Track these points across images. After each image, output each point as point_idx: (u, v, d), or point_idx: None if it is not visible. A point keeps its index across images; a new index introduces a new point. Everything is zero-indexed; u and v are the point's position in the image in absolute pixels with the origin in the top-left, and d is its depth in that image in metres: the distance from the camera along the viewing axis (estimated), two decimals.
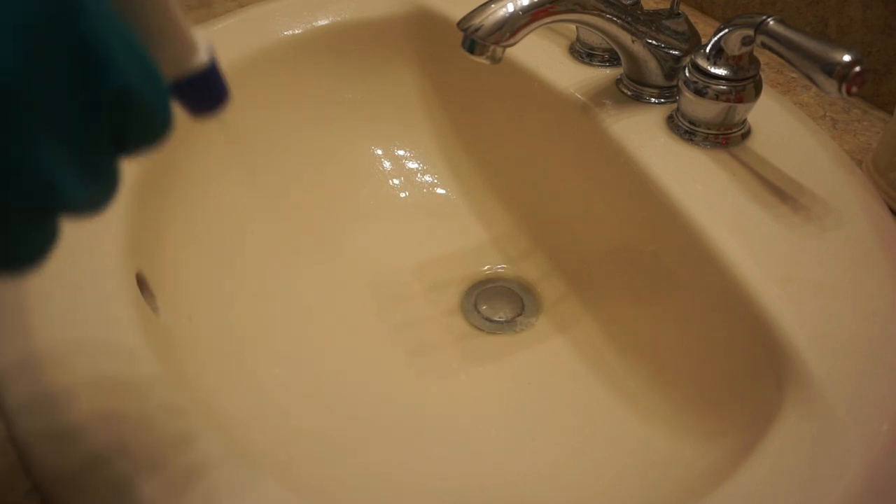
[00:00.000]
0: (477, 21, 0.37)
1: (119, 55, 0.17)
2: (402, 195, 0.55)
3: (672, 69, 0.44)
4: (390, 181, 0.56)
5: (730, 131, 0.41)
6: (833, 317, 0.32)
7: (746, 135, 0.42)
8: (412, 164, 0.57)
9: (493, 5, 0.37)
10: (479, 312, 0.48)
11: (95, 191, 0.19)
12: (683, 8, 0.44)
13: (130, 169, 0.40)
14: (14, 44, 0.15)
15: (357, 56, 0.55)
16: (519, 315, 0.48)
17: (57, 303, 0.32)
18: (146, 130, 0.19)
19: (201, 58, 0.21)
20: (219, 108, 0.22)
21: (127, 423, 0.28)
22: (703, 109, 0.40)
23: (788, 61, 0.34)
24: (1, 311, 0.32)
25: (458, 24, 0.38)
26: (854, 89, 0.32)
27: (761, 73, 0.40)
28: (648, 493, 0.34)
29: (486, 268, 0.51)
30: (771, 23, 0.35)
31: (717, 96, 0.39)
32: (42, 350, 0.30)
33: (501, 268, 0.51)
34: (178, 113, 0.21)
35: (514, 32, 0.37)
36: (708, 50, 0.39)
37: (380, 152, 0.57)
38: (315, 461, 0.37)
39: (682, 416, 0.37)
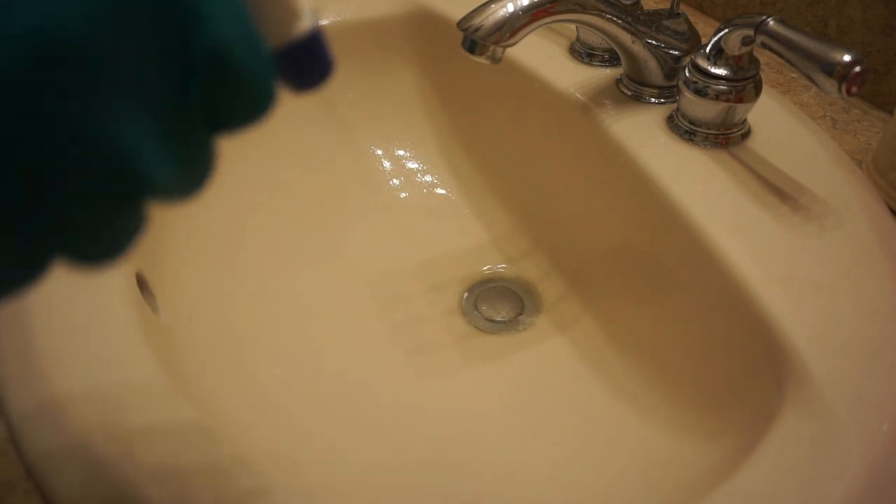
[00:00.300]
0: (477, 21, 0.37)
1: (218, 12, 0.15)
2: (402, 195, 0.55)
3: (672, 69, 0.44)
4: (390, 181, 0.56)
5: (730, 131, 0.41)
6: (833, 317, 0.32)
7: (746, 135, 0.42)
8: (412, 164, 0.57)
9: (493, 5, 0.37)
10: (479, 312, 0.48)
11: (189, 171, 0.17)
12: (683, 8, 0.44)
13: None
14: None
15: (357, 56, 0.55)
16: (519, 315, 0.48)
17: (56, 304, 0.32)
18: (248, 101, 0.17)
19: (304, 24, 0.19)
20: (324, 81, 0.20)
21: (128, 426, 0.28)
22: (703, 109, 0.40)
23: (788, 61, 0.34)
24: (1, 314, 0.32)
25: (458, 24, 0.38)
26: (854, 89, 0.32)
27: (761, 73, 0.40)
28: (648, 493, 0.34)
29: (486, 268, 0.51)
30: (771, 23, 0.35)
31: (717, 96, 0.39)
32: (42, 353, 0.30)
33: (501, 268, 0.51)
34: None
35: (514, 32, 0.37)
36: (708, 50, 0.39)
37: (380, 152, 0.57)
38: (314, 460, 0.37)
39: (682, 416, 0.37)
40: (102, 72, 0.14)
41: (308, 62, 0.19)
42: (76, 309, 0.32)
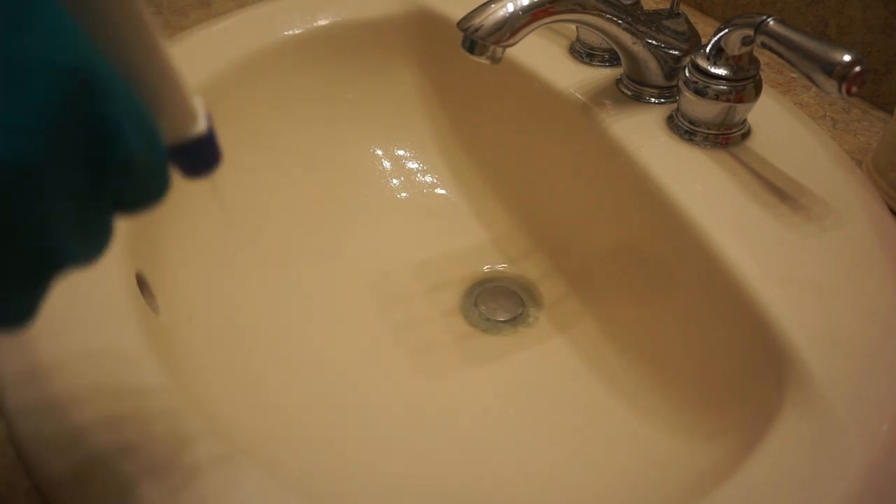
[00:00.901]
0: (477, 21, 0.37)
1: (128, 128, 0.18)
2: (402, 195, 0.55)
3: (672, 69, 0.44)
4: (390, 181, 0.56)
5: (730, 131, 0.41)
6: (833, 317, 0.32)
7: (746, 135, 0.42)
8: (412, 164, 0.57)
9: (493, 5, 0.37)
10: (479, 312, 0.48)
11: (91, 248, 0.19)
12: (683, 8, 0.44)
13: None
14: (33, 125, 0.16)
15: (357, 56, 0.55)
16: (519, 315, 0.48)
17: (57, 304, 0.32)
18: (146, 193, 0.20)
19: (200, 126, 0.22)
20: (211, 172, 0.23)
21: (128, 425, 0.28)
22: (703, 109, 0.40)
23: (788, 61, 0.34)
24: None
25: (458, 24, 0.38)
26: (854, 89, 0.32)
27: (761, 73, 0.40)
28: (648, 493, 0.34)
29: (486, 268, 0.51)
30: (771, 23, 0.35)
31: (717, 96, 0.39)
32: (42, 352, 0.30)
33: (501, 268, 0.51)
34: None
35: (514, 32, 0.37)
36: (708, 50, 0.39)
37: (380, 152, 0.57)
38: (314, 460, 0.37)
39: (682, 416, 0.37)
40: (44, 187, 0.16)
41: (199, 157, 0.23)
42: (76, 310, 0.32)
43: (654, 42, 0.42)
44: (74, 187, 0.17)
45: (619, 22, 0.41)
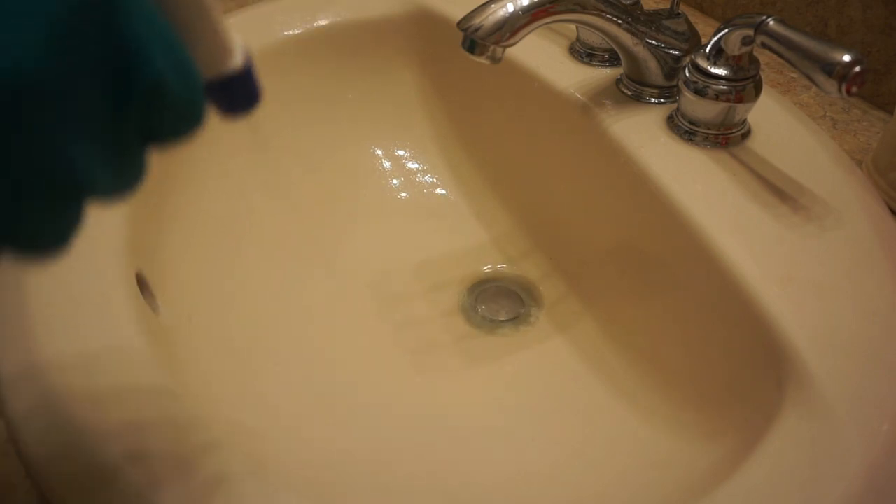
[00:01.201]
0: (477, 21, 0.37)
1: (155, 50, 0.17)
2: (402, 195, 0.55)
3: (672, 69, 0.44)
4: (390, 181, 0.56)
5: (730, 131, 0.41)
6: (833, 317, 0.32)
7: (746, 135, 0.42)
8: (412, 164, 0.57)
9: (493, 5, 0.37)
10: (479, 312, 0.48)
11: (122, 179, 0.19)
12: (683, 8, 0.44)
13: None
14: (42, 37, 0.14)
15: (357, 56, 0.55)
16: (519, 315, 0.48)
17: (57, 304, 0.32)
18: (178, 124, 0.19)
19: (237, 61, 0.21)
20: (250, 110, 0.23)
21: (128, 426, 0.28)
22: (703, 109, 0.40)
23: (788, 61, 0.34)
24: (2, 314, 0.32)
25: (458, 24, 0.38)
26: (854, 89, 0.32)
27: (761, 73, 0.40)
28: (648, 493, 0.34)
29: (486, 268, 0.51)
30: (771, 23, 0.35)
31: (717, 96, 0.39)
32: (42, 353, 0.30)
33: (502, 268, 0.51)
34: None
35: (514, 32, 0.37)
36: (708, 50, 0.39)
37: (380, 152, 0.57)
38: (313, 459, 0.37)
39: (681, 416, 0.37)
40: (54, 104, 0.15)
41: (237, 94, 0.22)
42: (76, 310, 0.32)
43: (654, 42, 0.42)
44: (95, 110, 0.16)
45: (620, 22, 0.41)
